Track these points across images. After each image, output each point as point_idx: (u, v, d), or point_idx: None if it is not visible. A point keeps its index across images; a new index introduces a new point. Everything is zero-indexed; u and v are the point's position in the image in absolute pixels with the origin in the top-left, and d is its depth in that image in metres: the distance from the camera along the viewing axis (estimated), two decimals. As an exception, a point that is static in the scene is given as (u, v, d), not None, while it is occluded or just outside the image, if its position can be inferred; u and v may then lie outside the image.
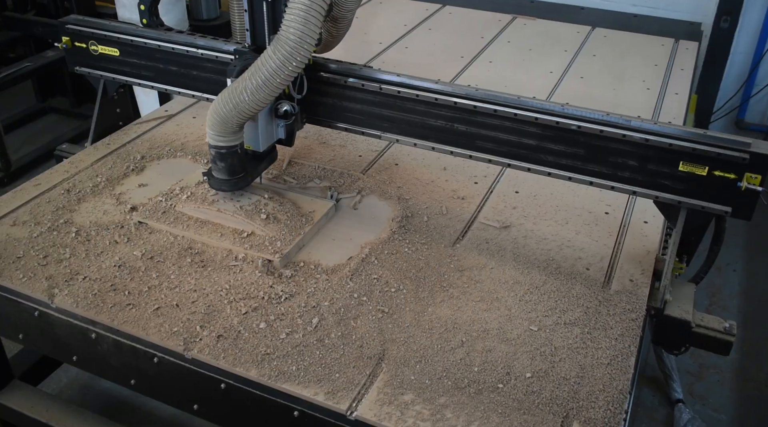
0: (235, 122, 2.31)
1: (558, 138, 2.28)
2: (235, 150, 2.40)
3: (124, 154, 2.99)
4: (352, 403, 1.87)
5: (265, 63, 2.18)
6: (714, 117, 5.68)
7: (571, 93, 3.62)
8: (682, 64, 4.07)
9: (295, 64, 2.17)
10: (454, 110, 2.37)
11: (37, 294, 2.23)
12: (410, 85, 2.41)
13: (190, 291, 2.23)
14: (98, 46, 2.93)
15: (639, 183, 2.25)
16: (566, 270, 2.37)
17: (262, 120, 2.46)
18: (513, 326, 2.13)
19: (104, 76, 3.01)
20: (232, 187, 2.48)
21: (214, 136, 2.36)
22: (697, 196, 2.19)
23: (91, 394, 3.34)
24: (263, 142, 2.52)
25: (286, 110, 2.46)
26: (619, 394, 1.91)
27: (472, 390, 1.92)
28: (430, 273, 2.34)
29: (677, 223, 2.25)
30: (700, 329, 2.25)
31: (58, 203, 2.65)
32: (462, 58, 4.02)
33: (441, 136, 2.44)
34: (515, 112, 2.28)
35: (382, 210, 2.66)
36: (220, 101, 2.28)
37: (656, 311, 2.26)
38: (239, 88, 2.23)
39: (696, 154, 2.12)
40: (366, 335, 2.09)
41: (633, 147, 2.19)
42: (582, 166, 2.29)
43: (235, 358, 2.00)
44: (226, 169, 2.43)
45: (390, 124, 2.50)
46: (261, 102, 2.25)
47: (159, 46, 2.78)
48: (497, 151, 2.38)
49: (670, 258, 2.27)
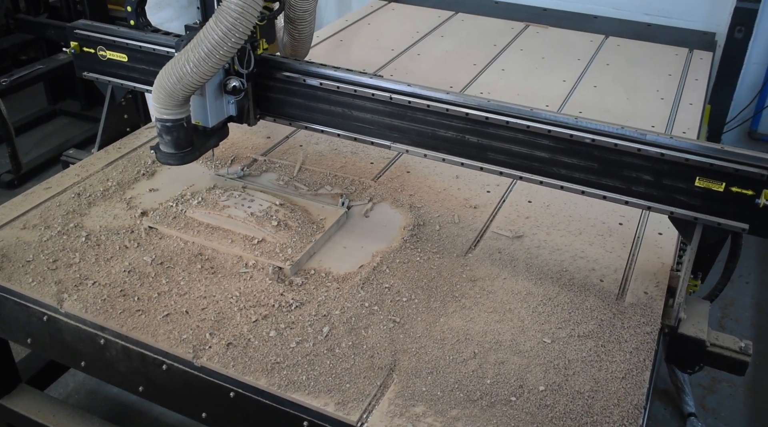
0: (180, 95, 2.27)
1: (571, 151, 2.24)
2: (180, 123, 2.35)
3: (135, 158, 2.98)
4: (362, 414, 1.85)
5: (208, 35, 2.16)
6: (727, 127, 5.64)
7: (585, 102, 3.59)
8: (696, 74, 4.04)
9: (237, 36, 2.15)
10: (465, 121, 2.34)
11: (46, 299, 2.22)
12: (421, 95, 2.38)
13: (200, 298, 2.21)
14: (106, 51, 2.93)
15: (654, 198, 2.21)
16: (580, 282, 2.34)
17: (210, 95, 2.44)
18: (526, 337, 2.10)
19: (112, 81, 3.00)
20: (179, 161, 2.44)
21: (159, 109, 2.32)
22: (713, 212, 2.15)
23: (98, 399, 3.32)
24: (212, 118, 2.49)
25: (235, 86, 2.43)
26: (634, 409, 1.88)
27: (485, 403, 1.89)
28: (442, 283, 2.31)
29: (692, 239, 2.21)
30: (715, 348, 2.20)
31: (69, 207, 2.64)
32: (474, 66, 4.00)
33: (452, 148, 2.41)
34: (528, 124, 2.25)
35: (394, 218, 2.64)
36: (164, 73, 2.24)
37: (670, 329, 2.21)
38: (182, 59, 2.20)
39: (713, 170, 2.08)
40: (377, 345, 2.06)
41: (648, 161, 2.16)
42: (596, 180, 2.25)
43: (245, 366, 1.98)
44: (173, 143, 2.39)
45: (400, 134, 2.47)
46: (204, 74, 2.22)
47: (167, 52, 2.74)
48: (509, 163, 2.34)
49: (684, 275, 2.22)
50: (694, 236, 2.20)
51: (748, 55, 5.26)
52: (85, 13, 5.27)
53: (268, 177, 2.84)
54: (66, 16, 5.52)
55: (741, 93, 5.48)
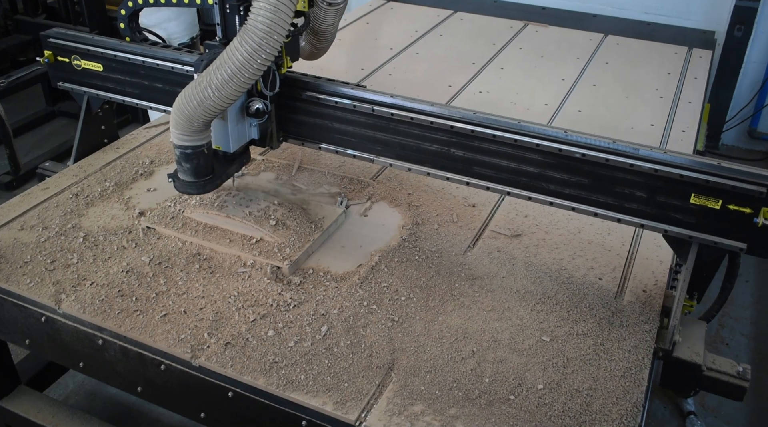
0: (200, 120, 2.13)
1: (561, 166, 2.16)
2: (201, 150, 2.23)
3: (133, 158, 2.98)
4: (361, 413, 1.84)
5: (231, 56, 2.02)
6: (726, 126, 5.64)
7: (584, 101, 3.59)
8: (696, 72, 4.04)
9: (264, 56, 2.02)
10: (450, 134, 2.25)
11: (44, 299, 2.21)
12: (404, 107, 2.28)
13: (198, 298, 2.21)
14: (81, 61, 2.83)
15: (647, 215, 2.12)
16: (578, 280, 2.33)
17: (232, 119, 2.31)
18: (525, 336, 2.10)
19: (88, 92, 2.90)
20: (199, 190, 2.31)
21: (178, 136, 2.19)
22: (709, 231, 2.06)
23: (97, 400, 3.32)
24: (234, 142, 2.36)
25: (258, 108, 2.30)
26: (632, 407, 1.88)
27: (483, 401, 1.89)
28: (441, 282, 2.31)
29: (688, 259, 2.11)
30: (712, 372, 2.11)
31: (66, 208, 2.64)
32: (473, 65, 3.99)
33: (437, 162, 2.31)
34: (515, 138, 2.16)
35: (392, 217, 2.63)
36: (184, 97, 2.11)
37: (664, 353, 2.11)
38: (203, 83, 2.07)
39: (709, 187, 2.00)
40: (375, 343, 2.06)
41: (641, 177, 2.07)
42: (586, 196, 2.17)
43: (243, 366, 1.98)
44: (192, 171, 2.26)
45: (383, 147, 2.37)
46: (227, 98, 2.09)
47: (143, 62, 2.67)
48: (496, 178, 2.26)
49: (679, 296, 2.11)
50: (689, 255, 2.11)
51: (748, 54, 5.26)
52: (83, 14, 5.26)
53: (266, 176, 2.84)
54: (64, 17, 5.52)
55: (740, 92, 5.48)
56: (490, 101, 3.54)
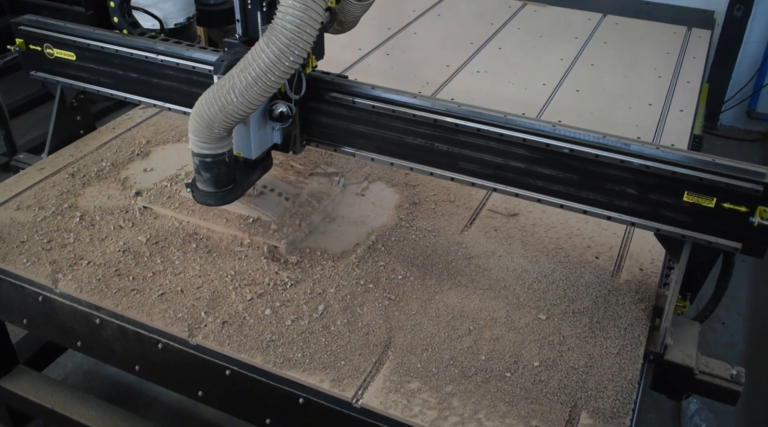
0: (222, 127, 1.99)
1: (548, 161, 2.07)
2: (222, 159, 2.08)
3: (129, 138, 2.97)
4: (357, 390, 1.85)
5: (257, 57, 1.88)
6: (725, 106, 5.62)
7: (582, 80, 3.57)
8: (694, 52, 4.01)
9: (292, 58, 1.87)
10: (434, 128, 2.16)
11: (40, 279, 2.22)
12: (386, 99, 2.19)
13: (195, 277, 2.21)
14: (53, 49, 2.71)
15: (638, 213, 2.04)
16: (575, 259, 2.34)
17: (254, 123, 2.16)
18: (521, 314, 2.11)
19: (61, 81, 2.80)
20: (219, 201, 2.18)
21: (197, 143, 2.05)
22: (703, 229, 1.98)
23: (95, 380, 3.33)
24: (256, 148, 2.22)
25: (282, 112, 2.16)
26: (628, 384, 1.89)
27: (480, 379, 1.89)
28: (438, 261, 2.31)
29: (680, 258, 2.04)
30: (704, 376, 2.03)
31: (63, 188, 2.63)
32: (471, 45, 3.97)
33: (420, 156, 2.23)
34: (501, 132, 2.07)
35: (389, 197, 2.63)
36: (204, 102, 1.97)
37: (655, 356, 2.03)
38: (226, 86, 1.93)
39: (703, 184, 1.92)
40: (372, 322, 2.07)
41: (632, 174, 1.99)
42: (575, 193, 2.09)
43: (240, 344, 1.99)
44: (212, 181, 2.12)
45: (365, 141, 2.28)
46: (251, 103, 1.94)
47: (116, 50, 2.57)
48: (482, 173, 2.17)
49: (672, 297, 2.02)
50: (682, 255, 2.04)
51: (747, 34, 5.24)
52: (79, -6, 5.21)
53: (263, 157, 2.83)
54: (59, -3, 5.46)
55: (739, 72, 5.46)
56: (488, 81, 3.52)
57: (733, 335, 3.74)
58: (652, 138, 3.04)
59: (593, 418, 1.80)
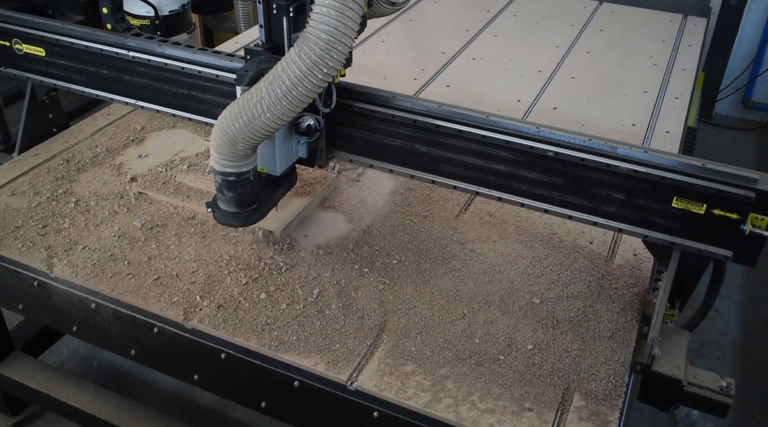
0: (247, 143, 1.86)
1: (532, 165, 2.00)
2: (246, 177, 1.95)
3: (124, 124, 2.96)
4: (352, 373, 1.87)
5: (288, 68, 1.74)
6: (721, 96, 5.64)
7: (577, 68, 3.57)
8: (690, 40, 4.01)
9: (326, 70, 1.73)
10: (414, 129, 2.08)
11: (36, 264, 2.22)
12: (364, 98, 2.12)
13: (190, 261, 2.22)
14: (22, 44, 2.61)
15: (626, 219, 1.98)
16: (569, 244, 2.35)
17: (280, 138, 2.03)
18: (515, 298, 2.12)
19: (31, 78, 2.70)
20: (243, 222, 2.05)
21: (220, 161, 1.91)
22: (692, 237, 1.92)
23: (92, 366, 3.34)
24: (281, 164, 2.09)
25: (310, 125, 2.03)
26: (620, 367, 1.90)
27: (473, 361, 1.91)
28: (432, 245, 2.32)
29: (669, 266, 1.97)
30: (693, 387, 1.94)
31: (58, 173, 2.63)
32: (467, 32, 3.96)
33: (400, 158, 2.15)
34: (483, 134, 2.00)
35: (384, 182, 2.63)
36: (228, 117, 1.83)
37: (642, 367, 1.94)
38: (253, 100, 1.79)
39: (692, 190, 1.85)
40: (367, 306, 2.07)
41: (619, 178, 1.92)
42: (560, 197, 2.02)
43: (235, 328, 1.99)
44: (236, 201, 1.99)
45: (343, 142, 2.20)
46: (281, 118, 1.81)
47: (86, 47, 2.47)
48: (463, 176, 2.10)
49: (660, 305, 1.94)
50: (671, 262, 1.97)
51: (743, 23, 5.24)
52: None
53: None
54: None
55: (735, 61, 5.47)
56: (484, 68, 3.52)
57: (727, 322, 3.76)
58: (646, 125, 3.05)
59: (586, 400, 1.81)
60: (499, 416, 1.76)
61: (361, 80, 2.18)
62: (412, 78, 3.34)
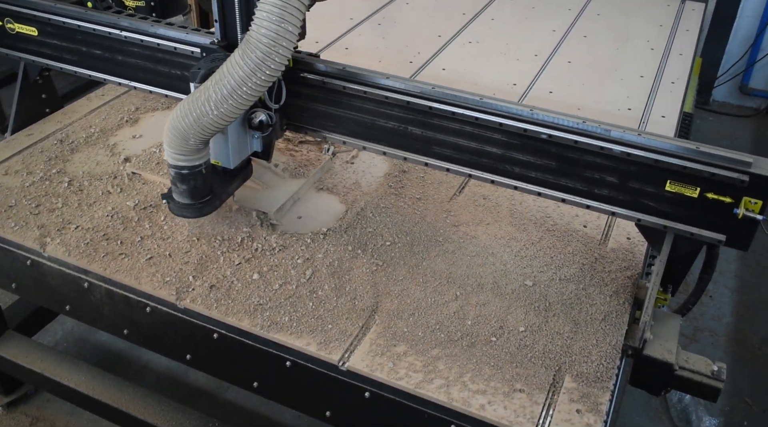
0: (197, 138, 1.93)
1: (526, 147, 1.99)
2: (198, 170, 2.02)
3: (118, 105, 2.95)
4: (344, 354, 1.87)
5: (232, 70, 1.81)
6: (718, 82, 5.62)
7: (574, 52, 3.56)
8: (688, 25, 3.99)
9: (268, 71, 1.81)
10: (407, 111, 2.07)
11: (28, 243, 2.21)
12: (357, 79, 2.09)
13: (183, 241, 2.21)
14: (14, 24, 2.59)
15: (619, 203, 1.96)
16: (563, 227, 2.35)
17: (233, 132, 2.09)
18: (508, 280, 2.12)
19: (23, 58, 2.67)
20: (196, 213, 2.12)
21: (173, 155, 1.97)
22: (685, 220, 1.90)
23: (86, 347, 3.34)
24: (235, 157, 2.15)
25: (262, 121, 2.09)
26: (612, 349, 1.91)
27: (465, 343, 1.91)
28: (426, 228, 2.32)
29: (662, 249, 1.96)
30: (684, 371, 1.95)
31: (51, 153, 2.62)
32: (464, 15, 3.94)
33: (393, 140, 2.14)
34: (476, 116, 1.98)
35: (378, 164, 2.63)
36: (179, 114, 1.89)
37: (634, 351, 1.96)
38: (201, 98, 1.85)
39: (686, 173, 1.83)
40: (359, 287, 2.08)
41: (613, 161, 1.90)
42: (553, 180, 2.00)
43: (228, 308, 2.00)
44: (189, 193, 2.06)
45: (335, 123, 2.19)
46: (227, 116, 1.88)
47: (79, 26, 2.44)
48: (456, 159, 2.09)
49: (652, 289, 1.95)
50: (663, 246, 1.96)
51: (741, 8, 5.22)
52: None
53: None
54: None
55: (733, 47, 5.45)
56: (480, 52, 3.50)
57: (720, 308, 3.77)
58: (642, 109, 3.04)
59: (577, 382, 1.82)
60: (490, 397, 1.77)
61: (356, 63, 2.18)
62: (407, 61, 3.33)
